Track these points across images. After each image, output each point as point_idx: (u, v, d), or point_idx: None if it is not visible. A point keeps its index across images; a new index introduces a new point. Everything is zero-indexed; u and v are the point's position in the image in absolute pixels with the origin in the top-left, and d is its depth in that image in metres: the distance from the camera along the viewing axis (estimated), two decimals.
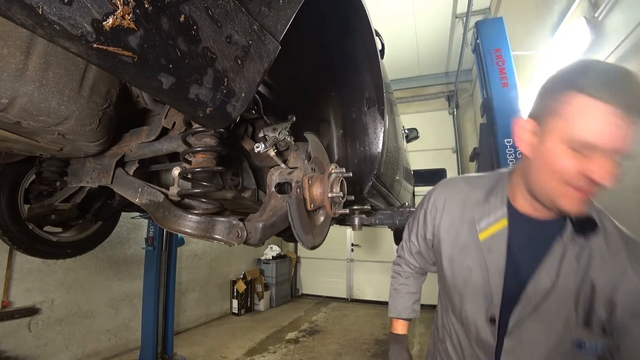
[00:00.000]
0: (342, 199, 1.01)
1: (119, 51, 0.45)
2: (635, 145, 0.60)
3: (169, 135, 1.06)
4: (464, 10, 4.75)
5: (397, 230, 3.86)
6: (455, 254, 0.91)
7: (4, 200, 1.39)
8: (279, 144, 1.02)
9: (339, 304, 6.70)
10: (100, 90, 0.87)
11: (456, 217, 0.92)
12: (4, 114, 0.73)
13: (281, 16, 0.67)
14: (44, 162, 1.25)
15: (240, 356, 3.97)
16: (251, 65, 0.64)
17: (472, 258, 0.86)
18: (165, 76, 0.52)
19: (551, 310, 0.75)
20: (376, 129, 1.34)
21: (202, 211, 0.96)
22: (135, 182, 1.07)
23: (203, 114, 0.61)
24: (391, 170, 1.89)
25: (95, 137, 0.95)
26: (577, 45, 2.57)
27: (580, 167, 0.64)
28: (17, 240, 1.44)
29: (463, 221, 0.90)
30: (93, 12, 0.41)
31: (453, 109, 6.89)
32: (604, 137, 0.60)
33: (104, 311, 3.73)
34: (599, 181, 0.62)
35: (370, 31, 1.18)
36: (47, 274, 3.20)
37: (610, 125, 0.60)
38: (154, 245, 3.54)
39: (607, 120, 0.59)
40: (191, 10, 0.51)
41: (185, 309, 4.90)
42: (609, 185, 0.63)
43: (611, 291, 0.70)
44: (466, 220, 0.89)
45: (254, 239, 0.91)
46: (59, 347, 3.25)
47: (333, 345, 4.34)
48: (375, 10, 1.38)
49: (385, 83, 1.46)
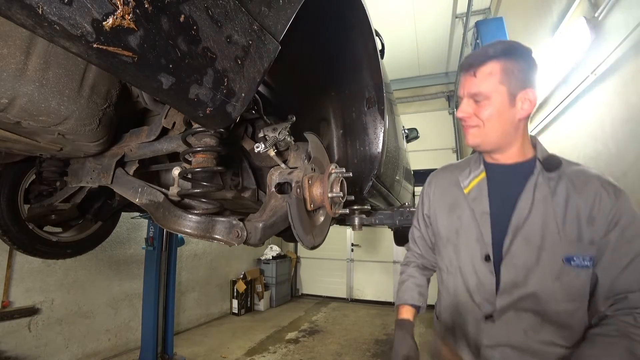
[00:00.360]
0: (342, 199, 1.01)
1: (119, 51, 0.45)
2: (473, 87, 0.88)
3: (169, 135, 1.06)
4: (464, 10, 4.75)
5: (397, 230, 3.86)
6: (446, 212, 1.05)
7: (4, 200, 1.39)
8: (279, 144, 1.02)
9: (339, 304, 6.70)
10: (100, 90, 0.87)
11: (445, 186, 1.09)
12: (4, 114, 0.73)
13: (281, 16, 0.67)
14: (44, 162, 1.25)
15: (240, 356, 3.97)
16: (251, 65, 0.64)
17: (461, 209, 1.00)
18: (165, 76, 0.52)
19: (535, 232, 0.86)
20: (376, 129, 1.34)
21: (202, 211, 0.96)
22: (135, 182, 1.07)
23: (203, 114, 0.61)
24: (391, 170, 1.89)
25: (95, 137, 0.95)
26: (577, 45, 2.57)
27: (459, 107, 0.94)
28: (17, 240, 1.44)
29: (451, 186, 1.06)
30: (93, 12, 0.41)
31: (453, 109, 6.88)
32: (458, 87, 0.97)
33: (104, 311, 3.73)
34: (457, 114, 0.95)
35: (370, 31, 1.18)
36: (47, 274, 3.20)
37: (460, 80, 0.94)
38: (154, 245, 3.54)
39: (460, 78, 0.95)
40: (191, 10, 0.51)
41: (185, 309, 4.90)
42: (459, 114, 0.92)
43: (591, 209, 0.83)
44: (453, 184, 1.06)
45: (254, 239, 0.91)
46: (59, 347, 3.25)
47: (333, 345, 4.34)
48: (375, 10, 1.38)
49: (385, 83, 1.46)
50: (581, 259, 0.82)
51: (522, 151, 0.93)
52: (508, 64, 0.85)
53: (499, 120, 0.88)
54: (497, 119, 0.88)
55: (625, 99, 2.15)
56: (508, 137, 0.91)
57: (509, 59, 0.86)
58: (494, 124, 0.88)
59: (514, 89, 0.85)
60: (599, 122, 2.48)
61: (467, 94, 0.91)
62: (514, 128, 0.90)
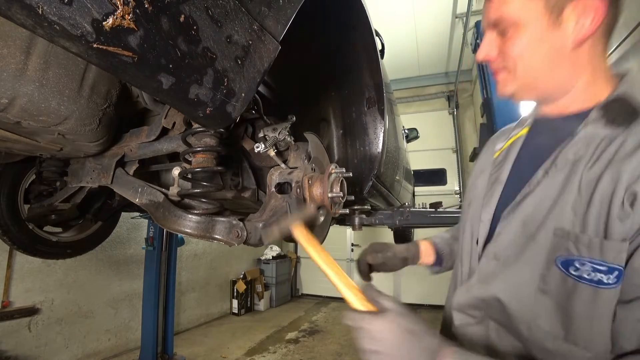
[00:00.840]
0: (342, 199, 1.01)
1: (119, 51, 0.45)
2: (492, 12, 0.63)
3: (169, 135, 1.06)
4: (464, 10, 4.75)
5: (397, 230, 3.86)
6: (471, 181, 0.81)
7: (4, 200, 1.39)
8: (279, 144, 1.02)
9: (339, 304, 6.69)
10: (100, 90, 0.87)
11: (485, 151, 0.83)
12: (4, 114, 0.73)
13: (281, 16, 0.67)
14: (44, 162, 1.25)
15: (240, 356, 3.97)
16: (251, 65, 0.64)
17: (483, 176, 0.75)
18: (165, 76, 0.52)
19: (534, 214, 0.58)
20: (376, 129, 1.34)
21: (202, 211, 0.96)
22: (135, 182, 1.07)
23: (203, 114, 0.61)
24: (391, 170, 1.89)
25: (95, 137, 0.95)
26: None
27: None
28: (17, 240, 1.44)
29: (489, 149, 0.81)
30: (93, 12, 0.41)
31: (453, 109, 6.88)
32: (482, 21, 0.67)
33: (104, 311, 3.73)
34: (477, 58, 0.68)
35: (370, 31, 1.18)
36: (47, 274, 3.20)
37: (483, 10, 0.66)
38: (154, 245, 3.54)
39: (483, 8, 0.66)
40: (191, 10, 0.51)
41: (185, 309, 4.90)
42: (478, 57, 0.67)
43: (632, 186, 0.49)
44: (489, 149, 0.81)
45: (254, 239, 0.91)
46: (59, 347, 3.25)
47: (333, 345, 4.34)
48: (375, 10, 1.38)
49: (385, 83, 1.46)
50: (596, 268, 0.48)
51: (587, 95, 0.60)
52: None
53: (538, 55, 0.59)
54: (534, 53, 0.59)
55: None
56: (557, 78, 0.61)
57: None
58: (529, 63, 0.60)
59: (554, 2, 0.57)
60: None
61: (487, 24, 0.65)
62: (568, 63, 0.59)
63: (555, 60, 0.59)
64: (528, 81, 0.63)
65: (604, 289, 0.48)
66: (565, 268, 0.51)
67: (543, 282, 0.53)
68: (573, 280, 0.50)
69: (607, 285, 0.48)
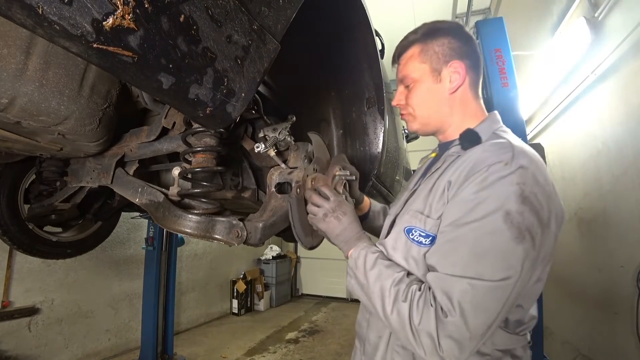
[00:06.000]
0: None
1: (119, 51, 0.45)
2: (399, 74, 0.91)
3: (169, 135, 1.06)
4: (464, 10, 4.75)
5: None
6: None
7: (4, 200, 1.39)
8: (279, 144, 1.02)
9: (339, 304, 6.70)
10: (100, 90, 0.87)
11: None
12: (4, 114, 0.73)
13: (281, 16, 0.67)
14: (44, 162, 1.25)
15: (240, 356, 3.97)
16: (251, 65, 0.64)
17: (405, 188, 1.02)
18: (165, 76, 0.52)
19: (410, 205, 0.84)
20: (376, 129, 1.34)
21: (202, 211, 0.95)
22: (135, 182, 1.07)
23: (203, 114, 0.61)
24: (391, 170, 1.89)
25: (95, 137, 0.95)
26: (577, 45, 2.57)
27: None
28: (17, 240, 1.43)
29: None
30: (93, 12, 0.41)
31: None
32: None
33: (104, 311, 3.73)
34: (392, 104, 0.96)
35: (370, 31, 1.18)
36: (47, 274, 3.20)
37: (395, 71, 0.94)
38: (154, 245, 3.54)
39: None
40: (191, 10, 0.51)
41: (185, 309, 4.90)
42: (393, 103, 0.93)
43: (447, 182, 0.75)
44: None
45: (254, 239, 0.91)
46: (59, 347, 3.25)
47: (333, 345, 4.34)
48: (375, 10, 1.38)
49: (385, 83, 1.46)
50: (421, 234, 0.75)
51: (460, 128, 0.84)
52: (427, 44, 0.86)
53: (427, 101, 0.87)
54: (425, 100, 0.87)
55: (625, 99, 2.15)
56: (442, 116, 0.87)
57: (428, 39, 0.86)
58: (423, 107, 0.87)
59: (436, 65, 0.84)
60: (599, 121, 2.48)
61: (397, 82, 0.92)
62: (447, 105, 0.86)
63: (438, 103, 0.87)
64: (424, 120, 0.90)
65: (422, 247, 0.75)
66: (407, 233, 0.79)
67: (394, 241, 0.82)
68: (409, 241, 0.77)
69: (424, 245, 0.75)
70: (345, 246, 0.84)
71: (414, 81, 0.87)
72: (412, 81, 0.87)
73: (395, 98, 0.93)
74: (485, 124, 0.84)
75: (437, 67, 0.85)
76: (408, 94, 0.89)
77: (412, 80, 0.87)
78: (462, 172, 0.71)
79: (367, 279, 0.75)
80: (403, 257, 0.78)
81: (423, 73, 0.85)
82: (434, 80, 0.85)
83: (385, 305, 0.69)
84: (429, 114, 0.88)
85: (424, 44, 0.86)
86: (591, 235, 2.68)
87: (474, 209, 0.65)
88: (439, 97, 0.86)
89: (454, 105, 0.86)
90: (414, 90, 0.88)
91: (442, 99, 0.86)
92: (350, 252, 0.82)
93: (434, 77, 0.85)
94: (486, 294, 0.62)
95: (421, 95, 0.87)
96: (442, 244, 0.69)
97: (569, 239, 2.94)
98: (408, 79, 0.88)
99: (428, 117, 0.89)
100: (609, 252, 2.41)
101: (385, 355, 0.81)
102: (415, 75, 0.86)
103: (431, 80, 0.85)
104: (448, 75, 0.84)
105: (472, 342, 0.62)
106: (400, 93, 0.92)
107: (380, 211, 1.21)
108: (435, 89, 0.86)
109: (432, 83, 0.85)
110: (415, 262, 0.75)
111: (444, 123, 0.89)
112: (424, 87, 0.86)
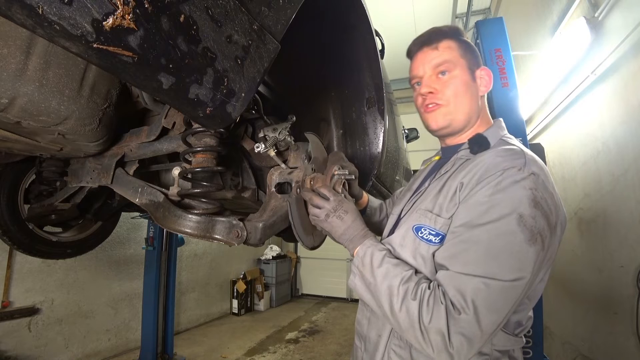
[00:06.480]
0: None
1: (119, 51, 0.45)
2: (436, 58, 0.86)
3: (169, 135, 1.06)
4: (464, 10, 4.75)
5: None
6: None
7: (4, 200, 1.39)
8: (279, 144, 1.02)
9: (339, 304, 6.70)
10: (100, 90, 0.87)
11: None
12: (4, 114, 0.73)
13: (281, 16, 0.67)
14: (44, 162, 1.25)
15: (240, 356, 3.97)
16: (251, 65, 0.64)
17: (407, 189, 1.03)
18: (165, 76, 0.52)
19: (417, 204, 0.84)
20: (376, 129, 1.34)
21: (202, 211, 0.95)
22: (135, 182, 1.07)
23: (203, 114, 0.61)
24: (391, 170, 1.89)
25: (95, 137, 0.95)
26: (577, 45, 2.57)
27: (416, 93, 0.92)
28: (17, 240, 1.43)
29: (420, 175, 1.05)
30: (93, 12, 0.41)
31: None
32: (413, 69, 0.91)
33: (104, 311, 3.73)
34: (422, 91, 0.87)
35: (370, 31, 1.18)
36: (47, 274, 3.20)
37: (414, 61, 0.91)
38: (154, 245, 3.54)
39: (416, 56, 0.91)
40: (191, 10, 0.51)
41: (185, 309, 4.90)
42: (424, 90, 0.86)
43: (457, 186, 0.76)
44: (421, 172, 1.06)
45: (254, 239, 0.91)
46: (59, 347, 3.25)
47: (333, 345, 4.34)
48: (375, 10, 1.38)
49: (385, 83, 1.46)
50: (430, 232, 0.75)
51: (472, 132, 0.88)
52: (462, 42, 0.87)
53: (466, 96, 0.84)
54: (464, 94, 0.84)
55: (625, 99, 2.15)
56: (474, 115, 0.87)
57: (461, 39, 0.87)
58: (461, 101, 0.84)
59: (471, 65, 0.85)
60: (599, 121, 2.48)
61: (430, 67, 0.86)
62: (477, 106, 0.87)
63: (474, 102, 0.86)
64: (458, 115, 0.86)
65: (431, 245, 0.75)
66: (416, 232, 0.79)
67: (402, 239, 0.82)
68: (418, 239, 0.77)
69: (434, 244, 0.74)
70: (350, 244, 0.83)
71: (453, 69, 0.84)
72: (453, 68, 0.84)
73: (425, 83, 0.86)
74: (492, 130, 0.86)
75: (472, 67, 0.86)
76: (445, 82, 0.85)
77: (453, 67, 0.84)
78: (475, 175, 0.72)
79: (374, 277, 0.74)
80: (411, 255, 0.78)
81: (463, 66, 0.84)
82: (471, 78, 0.85)
83: (393, 303, 0.69)
84: (464, 110, 0.85)
85: (459, 41, 0.86)
86: (591, 235, 2.68)
87: (488, 211, 0.66)
88: (475, 95, 0.86)
89: (479, 108, 0.87)
90: (453, 80, 0.84)
91: (476, 97, 0.86)
92: (356, 251, 0.81)
93: (471, 75, 0.85)
94: (499, 294, 0.63)
95: (461, 87, 0.84)
96: (455, 244, 0.69)
97: (569, 239, 2.94)
98: (448, 63, 0.84)
99: (463, 113, 0.85)
100: (609, 252, 2.40)
101: (384, 354, 0.81)
102: (456, 65, 0.84)
103: (469, 77, 0.85)
104: (479, 78, 0.86)
105: (481, 340, 0.63)
106: (433, 80, 0.86)
107: (378, 208, 1.21)
108: (473, 86, 0.85)
109: (469, 79, 0.85)
110: (423, 259, 0.75)
111: (469, 123, 0.87)
112: (464, 80, 0.84)
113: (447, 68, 0.84)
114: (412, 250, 0.78)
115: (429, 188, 0.85)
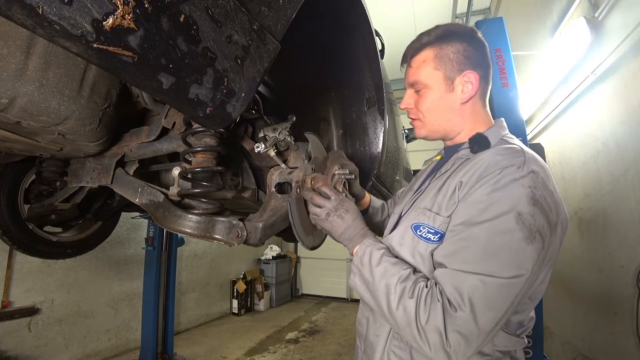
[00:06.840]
0: None
1: (119, 51, 0.45)
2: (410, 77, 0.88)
3: (169, 135, 1.06)
4: (464, 10, 4.75)
5: None
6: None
7: (4, 200, 1.39)
8: (279, 144, 1.02)
9: (339, 304, 6.70)
10: (100, 90, 0.87)
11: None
12: (4, 114, 0.73)
13: (281, 16, 0.67)
14: (44, 162, 1.25)
15: (240, 356, 3.97)
16: (251, 65, 0.64)
17: (409, 188, 1.03)
18: (165, 76, 0.52)
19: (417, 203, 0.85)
20: (376, 129, 1.34)
21: (202, 211, 0.96)
22: (135, 182, 1.07)
23: (203, 114, 0.61)
24: (391, 170, 1.89)
25: (95, 137, 0.95)
26: (577, 45, 2.57)
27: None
28: (17, 240, 1.43)
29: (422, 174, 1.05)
30: (93, 12, 0.41)
31: None
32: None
33: (104, 311, 3.73)
34: (400, 107, 0.93)
35: (370, 31, 1.18)
36: (47, 274, 3.20)
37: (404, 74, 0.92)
38: (154, 245, 3.54)
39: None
40: (191, 10, 0.51)
41: (185, 309, 4.90)
42: (402, 107, 0.92)
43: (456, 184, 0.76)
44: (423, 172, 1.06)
45: (254, 239, 0.91)
46: (59, 347, 3.25)
47: (333, 345, 4.34)
48: (375, 10, 1.38)
49: (385, 83, 1.46)
50: (429, 231, 0.75)
51: (470, 133, 0.86)
52: (442, 49, 0.83)
53: (439, 109, 0.85)
54: (436, 108, 0.85)
55: (625, 99, 2.15)
56: (451, 124, 0.87)
57: (443, 43, 0.84)
58: (433, 115, 0.86)
59: (450, 73, 0.83)
60: (599, 121, 2.48)
61: (407, 84, 0.90)
62: (458, 114, 0.85)
63: (450, 113, 0.86)
64: (433, 127, 0.89)
65: (430, 244, 0.75)
66: (415, 230, 0.79)
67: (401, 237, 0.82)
68: (417, 237, 0.77)
69: (432, 242, 0.75)
70: (350, 244, 0.83)
71: (425, 87, 0.85)
72: (424, 87, 0.85)
73: (403, 101, 0.91)
74: (493, 129, 0.85)
75: (451, 75, 0.83)
76: (418, 99, 0.88)
77: (424, 86, 0.85)
78: (475, 174, 0.72)
79: (372, 275, 0.74)
80: (410, 253, 0.78)
81: (436, 80, 0.84)
82: (447, 89, 0.84)
83: (391, 301, 0.69)
84: (439, 123, 0.87)
85: (438, 49, 0.84)
86: (591, 235, 2.68)
87: (487, 209, 0.66)
88: (451, 107, 0.85)
89: (464, 115, 0.86)
90: (425, 96, 0.86)
91: (453, 108, 0.85)
92: (355, 250, 0.82)
93: (447, 86, 0.84)
94: (496, 291, 0.62)
95: (432, 102, 0.85)
96: (453, 242, 0.69)
97: (569, 239, 2.94)
98: (420, 84, 0.86)
99: (438, 125, 0.88)
100: (609, 252, 2.40)
101: (383, 355, 0.81)
102: (428, 82, 0.84)
103: (444, 88, 0.84)
104: (461, 85, 0.83)
105: (479, 339, 0.63)
106: (409, 96, 0.90)
107: (380, 208, 1.21)
108: (447, 97, 0.84)
109: (444, 92, 0.84)
110: (422, 258, 0.76)
111: (453, 131, 0.88)
112: (436, 94, 0.84)
113: (419, 87, 0.87)
114: (411, 248, 0.78)
115: (429, 187, 0.85)
